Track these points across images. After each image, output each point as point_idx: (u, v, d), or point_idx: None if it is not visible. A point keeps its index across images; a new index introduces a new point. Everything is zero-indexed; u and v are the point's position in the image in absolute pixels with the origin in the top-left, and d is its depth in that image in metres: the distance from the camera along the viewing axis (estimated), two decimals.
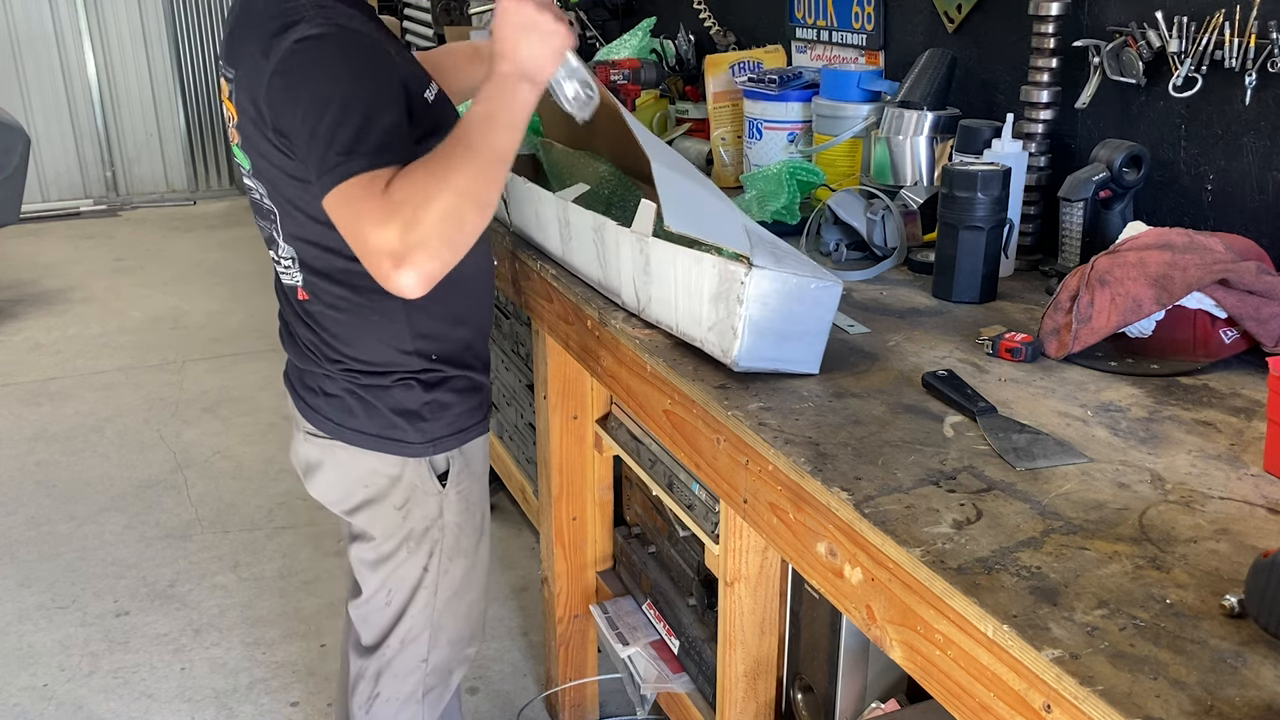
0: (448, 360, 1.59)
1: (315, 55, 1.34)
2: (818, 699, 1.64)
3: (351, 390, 1.57)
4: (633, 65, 2.59)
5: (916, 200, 1.90)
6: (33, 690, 2.60)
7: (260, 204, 1.53)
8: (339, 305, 1.53)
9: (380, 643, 1.69)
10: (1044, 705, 0.90)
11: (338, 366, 1.57)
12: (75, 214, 7.01)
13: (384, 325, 1.53)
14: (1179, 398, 1.35)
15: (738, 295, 1.35)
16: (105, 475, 3.64)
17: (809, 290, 1.38)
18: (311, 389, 1.61)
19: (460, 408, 1.62)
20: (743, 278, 1.34)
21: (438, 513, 1.63)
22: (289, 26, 1.35)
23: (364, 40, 1.38)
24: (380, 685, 1.71)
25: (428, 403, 1.58)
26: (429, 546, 1.64)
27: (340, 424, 1.58)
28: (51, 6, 6.79)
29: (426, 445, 1.59)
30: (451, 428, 1.61)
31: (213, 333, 4.91)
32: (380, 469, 1.59)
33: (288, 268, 1.56)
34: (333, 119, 1.31)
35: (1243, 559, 0.99)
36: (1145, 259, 1.41)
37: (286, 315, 1.64)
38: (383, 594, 1.67)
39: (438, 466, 1.61)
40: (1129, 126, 1.78)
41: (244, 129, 1.46)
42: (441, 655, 1.72)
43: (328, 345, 1.56)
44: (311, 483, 1.69)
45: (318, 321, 1.56)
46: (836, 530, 1.17)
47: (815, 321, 1.40)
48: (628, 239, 1.56)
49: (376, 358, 1.55)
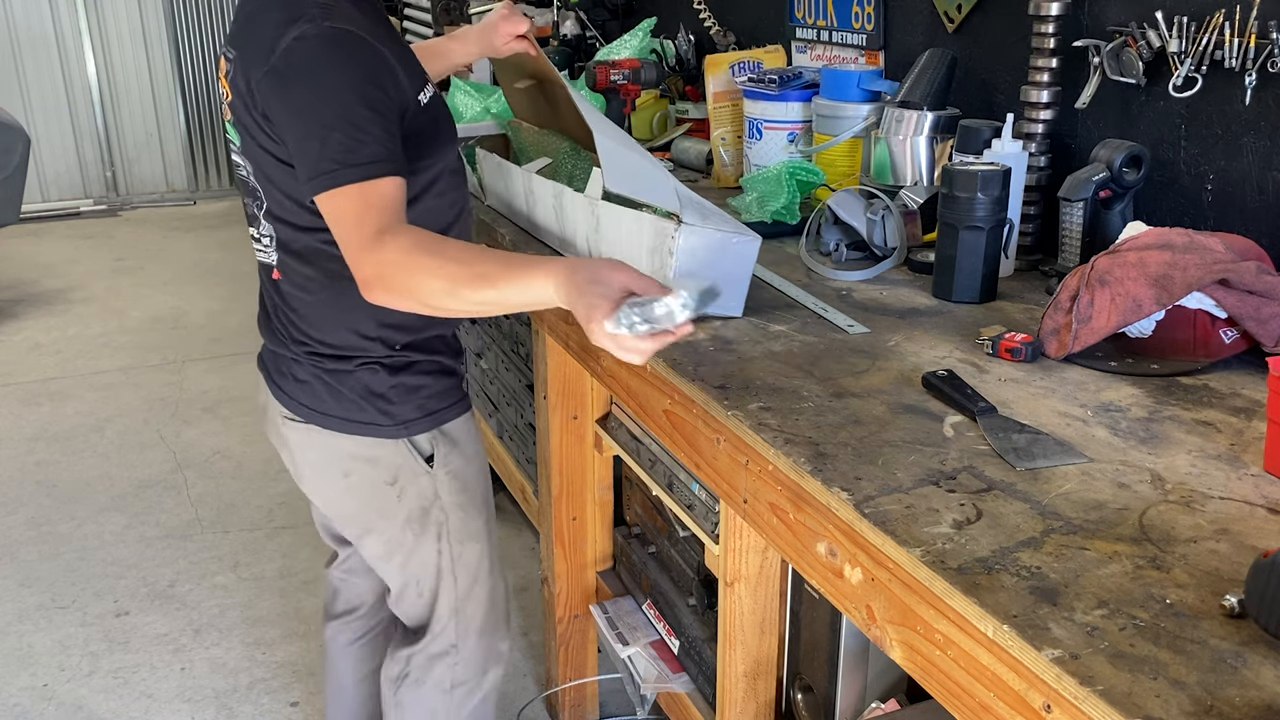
0: (413, 347, 1.60)
1: (314, 54, 1.36)
2: (818, 699, 1.64)
3: (318, 375, 1.58)
4: (633, 65, 2.59)
5: (916, 200, 1.90)
6: (33, 690, 2.60)
7: (246, 181, 1.56)
8: (307, 286, 1.55)
9: (419, 629, 1.75)
10: (1044, 705, 0.90)
11: (303, 349, 1.58)
12: (75, 214, 7.01)
13: (349, 311, 1.54)
14: (1179, 398, 1.35)
15: (669, 248, 1.55)
16: (105, 475, 3.64)
17: (731, 244, 1.58)
18: (284, 374, 1.62)
19: (430, 390, 1.62)
20: (673, 233, 1.53)
21: (433, 493, 1.64)
22: (292, 21, 1.37)
23: (364, 44, 1.39)
24: (411, 665, 1.75)
25: (394, 386, 1.59)
26: (435, 529, 1.65)
27: (312, 408, 1.60)
28: (51, 6, 6.79)
29: (397, 427, 1.60)
30: (422, 410, 1.61)
31: (213, 333, 4.90)
32: (357, 452, 1.60)
33: (266, 246, 1.58)
34: (326, 123, 1.34)
35: (1243, 559, 0.99)
36: (1145, 259, 1.41)
37: (263, 297, 1.67)
38: (412, 586, 1.69)
39: (421, 448, 1.62)
40: (1129, 126, 1.78)
41: (236, 108, 1.49)
42: (470, 647, 1.74)
43: (294, 326, 1.58)
44: (300, 475, 1.69)
45: (287, 302, 1.58)
46: (836, 530, 1.17)
47: (738, 270, 1.61)
48: (582, 202, 1.77)
49: (340, 341, 1.57)
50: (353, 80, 1.37)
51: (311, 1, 1.39)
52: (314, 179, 1.35)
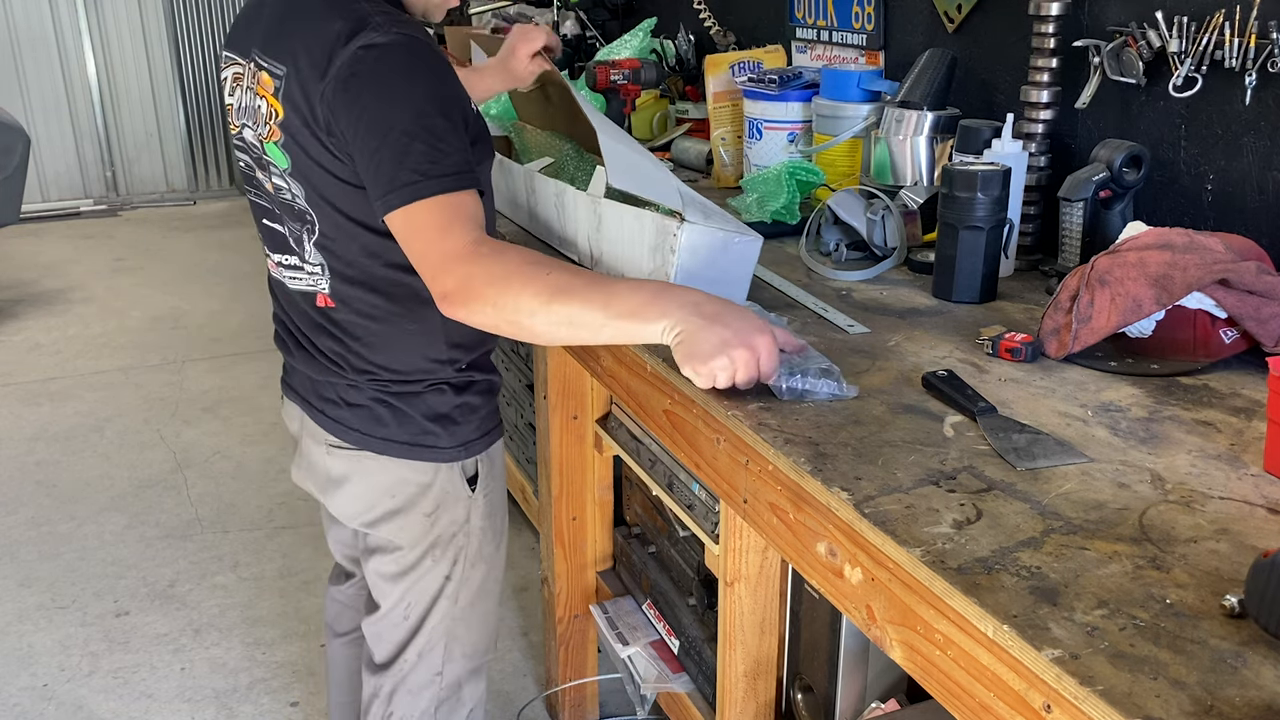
0: (474, 365, 1.57)
1: (386, 64, 1.31)
2: (818, 699, 1.64)
3: (380, 399, 1.52)
4: (633, 65, 2.59)
5: (916, 200, 1.90)
6: (33, 690, 2.60)
7: (292, 205, 1.47)
8: (373, 314, 1.48)
9: (395, 658, 1.65)
10: (1044, 705, 0.90)
11: (365, 376, 1.52)
12: (75, 214, 7.02)
13: (420, 335, 1.50)
14: (1179, 398, 1.35)
15: (671, 246, 1.55)
16: (105, 475, 3.64)
17: (733, 243, 1.58)
18: (331, 400, 1.56)
19: (485, 409, 1.60)
20: (675, 230, 1.53)
21: (465, 518, 1.60)
22: (356, 31, 1.31)
23: (434, 52, 1.35)
24: (394, 704, 1.66)
25: (459, 405, 1.55)
26: (453, 554, 1.61)
27: (368, 434, 1.54)
28: (51, 6, 6.79)
29: (458, 449, 1.56)
30: (479, 430, 1.59)
31: (213, 333, 4.91)
32: (410, 477, 1.55)
33: (308, 273, 1.50)
34: (404, 134, 1.28)
35: (1243, 559, 0.99)
36: (1145, 259, 1.41)
37: (298, 323, 1.58)
38: (401, 608, 1.63)
39: (467, 471, 1.59)
40: (1129, 126, 1.78)
41: (289, 126, 1.39)
42: (456, 669, 1.68)
43: (355, 354, 1.51)
44: (332, 498, 1.62)
45: (344, 330, 1.51)
46: (836, 530, 1.17)
47: (739, 270, 1.61)
48: (584, 201, 1.77)
49: (409, 366, 1.51)
50: (429, 90, 1.31)
51: (369, 8, 1.34)
52: (394, 191, 1.28)
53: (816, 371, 1.35)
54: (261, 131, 1.46)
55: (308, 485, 1.68)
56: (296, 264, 1.52)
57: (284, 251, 1.53)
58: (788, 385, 1.33)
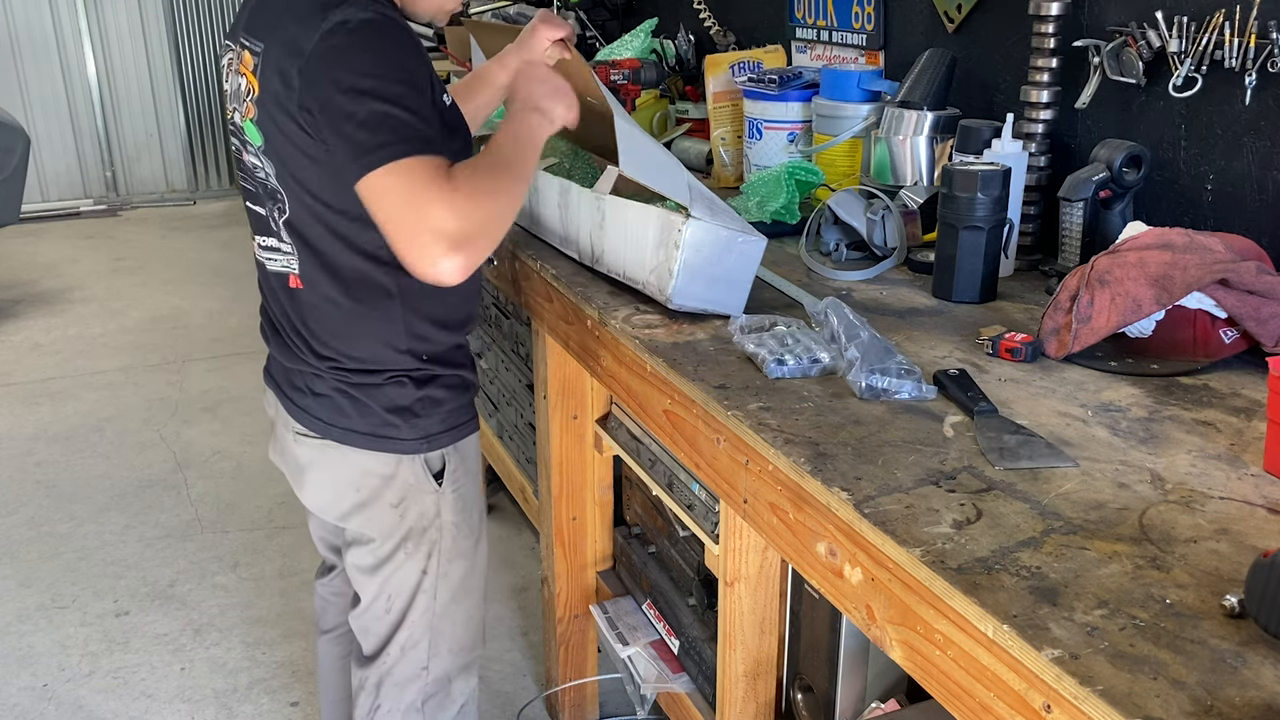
0: (438, 360, 1.58)
1: (359, 39, 1.34)
2: (818, 699, 1.64)
3: (341, 389, 1.55)
4: (633, 65, 2.59)
5: (916, 200, 1.90)
6: (32, 690, 2.60)
7: (265, 183, 1.50)
8: (336, 300, 1.51)
9: (380, 651, 1.68)
10: (1044, 705, 0.90)
11: (327, 364, 1.55)
12: (75, 214, 7.02)
13: (380, 323, 1.52)
14: (1179, 398, 1.35)
15: (675, 241, 1.56)
16: (105, 475, 3.64)
17: (737, 242, 1.58)
18: (299, 388, 1.59)
19: (452, 404, 1.61)
20: (680, 226, 1.55)
21: (435, 512, 1.62)
22: (332, 7, 1.35)
23: (407, 30, 1.39)
24: (381, 696, 1.69)
25: (420, 399, 1.57)
26: (427, 547, 1.63)
27: (331, 423, 1.57)
28: (51, 6, 6.79)
29: (420, 442, 1.58)
30: (444, 424, 1.60)
31: (213, 333, 4.91)
32: (373, 468, 1.58)
33: (284, 253, 1.53)
34: (377, 105, 1.31)
35: (1243, 559, 0.99)
36: (1145, 259, 1.41)
37: (272, 308, 1.62)
38: (382, 600, 1.65)
39: (432, 465, 1.60)
40: (1129, 126, 1.78)
41: (264, 103, 1.43)
42: (442, 664, 1.70)
43: (317, 339, 1.54)
44: (302, 487, 1.67)
45: (309, 314, 1.54)
46: (836, 530, 1.17)
47: (741, 270, 1.61)
48: (588, 198, 1.79)
49: (368, 355, 1.54)
50: (402, 64, 1.35)
51: None
52: (368, 154, 1.30)
53: (897, 370, 1.34)
54: (241, 109, 1.50)
55: (284, 468, 1.71)
56: (274, 245, 1.55)
57: (264, 233, 1.56)
58: (867, 384, 1.32)
